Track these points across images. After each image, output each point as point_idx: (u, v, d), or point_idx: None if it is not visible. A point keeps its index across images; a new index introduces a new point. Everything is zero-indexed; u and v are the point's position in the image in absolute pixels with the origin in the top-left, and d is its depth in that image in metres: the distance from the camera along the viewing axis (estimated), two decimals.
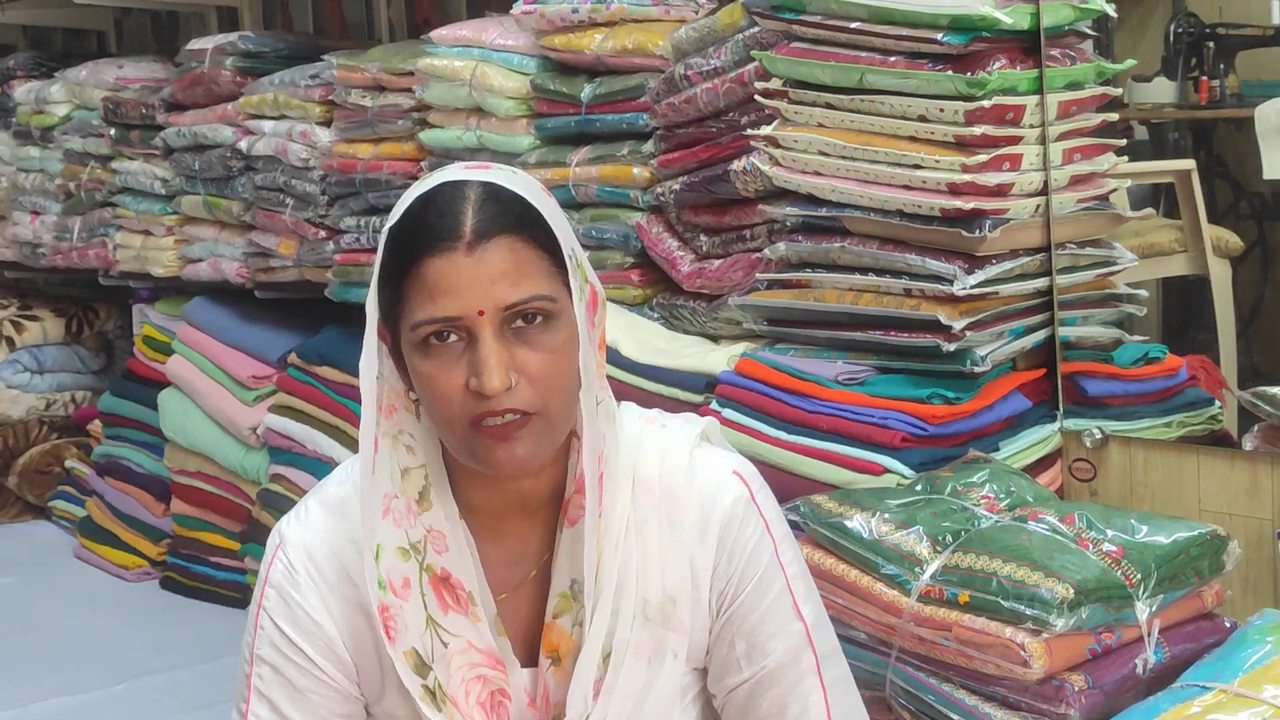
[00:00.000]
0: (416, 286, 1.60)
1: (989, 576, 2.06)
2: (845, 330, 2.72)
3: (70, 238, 5.46)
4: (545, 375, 1.61)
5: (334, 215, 4.18)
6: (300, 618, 1.73)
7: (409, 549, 1.70)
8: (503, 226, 1.60)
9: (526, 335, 1.61)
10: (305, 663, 1.73)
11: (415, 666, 1.70)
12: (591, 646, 1.69)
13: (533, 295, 1.60)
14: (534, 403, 1.61)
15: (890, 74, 2.57)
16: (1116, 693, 2.05)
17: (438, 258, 1.59)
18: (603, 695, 1.70)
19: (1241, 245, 2.94)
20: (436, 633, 1.70)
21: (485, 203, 1.61)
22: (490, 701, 1.72)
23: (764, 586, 1.76)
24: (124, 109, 5.08)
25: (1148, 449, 2.62)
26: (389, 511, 1.69)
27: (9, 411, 5.84)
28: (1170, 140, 3.18)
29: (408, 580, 1.70)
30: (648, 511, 1.74)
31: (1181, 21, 2.97)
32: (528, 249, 1.61)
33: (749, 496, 1.77)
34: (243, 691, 1.76)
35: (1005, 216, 2.53)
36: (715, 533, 1.75)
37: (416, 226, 1.62)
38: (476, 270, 1.59)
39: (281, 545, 1.75)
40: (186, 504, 4.83)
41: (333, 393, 4.24)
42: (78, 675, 4.11)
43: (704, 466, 1.78)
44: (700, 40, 3.10)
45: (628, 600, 1.71)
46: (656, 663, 1.74)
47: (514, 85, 3.56)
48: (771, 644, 1.76)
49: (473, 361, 1.59)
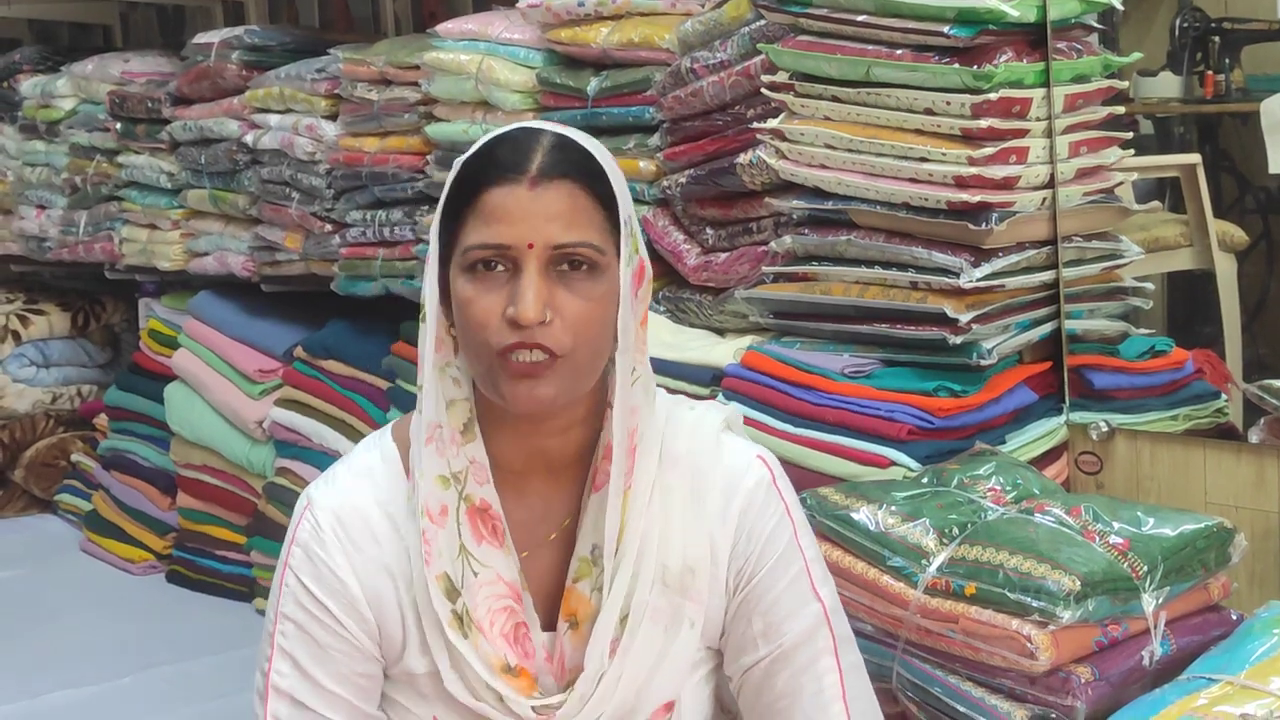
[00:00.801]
0: (476, 213, 1.68)
1: (995, 569, 2.06)
2: (851, 323, 2.72)
3: (76, 232, 5.46)
4: (579, 320, 1.67)
5: (340, 209, 4.18)
6: (325, 575, 1.77)
7: (449, 478, 1.75)
8: (566, 171, 1.68)
9: (569, 279, 1.67)
10: (329, 619, 1.77)
11: (446, 591, 1.74)
12: (610, 609, 1.73)
13: (582, 241, 1.67)
14: (563, 344, 1.66)
15: (897, 67, 2.57)
16: (1123, 685, 2.05)
17: (500, 188, 1.67)
18: (618, 655, 1.74)
19: (1247, 239, 2.94)
20: (468, 561, 1.74)
21: (554, 148, 1.69)
22: (514, 634, 1.76)
23: (782, 567, 1.81)
24: (130, 103, 5.08)
25: (1154, 442, 2.62)
26: (432, 440, 1.75)
27: (15, 405, 5.84)
28: (1176, 134, 3.18)
29: (445, 508, 1.75)
30: (673, 483, 1.79)
31: (1187, 16, 2.97)
32: (586, 198, 1.68)
33: (771, 480, 1.83)
34: (265, 650, 1.80)
35: (1011, 209, 2.53)
36: (736, 512, 1.80)
37: (486, 160, 1.71)
38: (535, 205, 1.66)
39: (309, 506, 1.81)
40: (192, 498, 4.84)
41: (339, 386, 4.25)
42: (84, 668, 4.11)
43: (730, 449, 1.84)
44: (706, 33, 3.10)
45: (648, 565, 1.76)
46: (672, 630, 1.78)
47: (520, 79, 3.57)
48: (788, 623, 1.80)
49: (514, 291, 1.65)
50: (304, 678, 1.77)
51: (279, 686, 1.78)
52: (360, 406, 4.18)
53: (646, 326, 1.78)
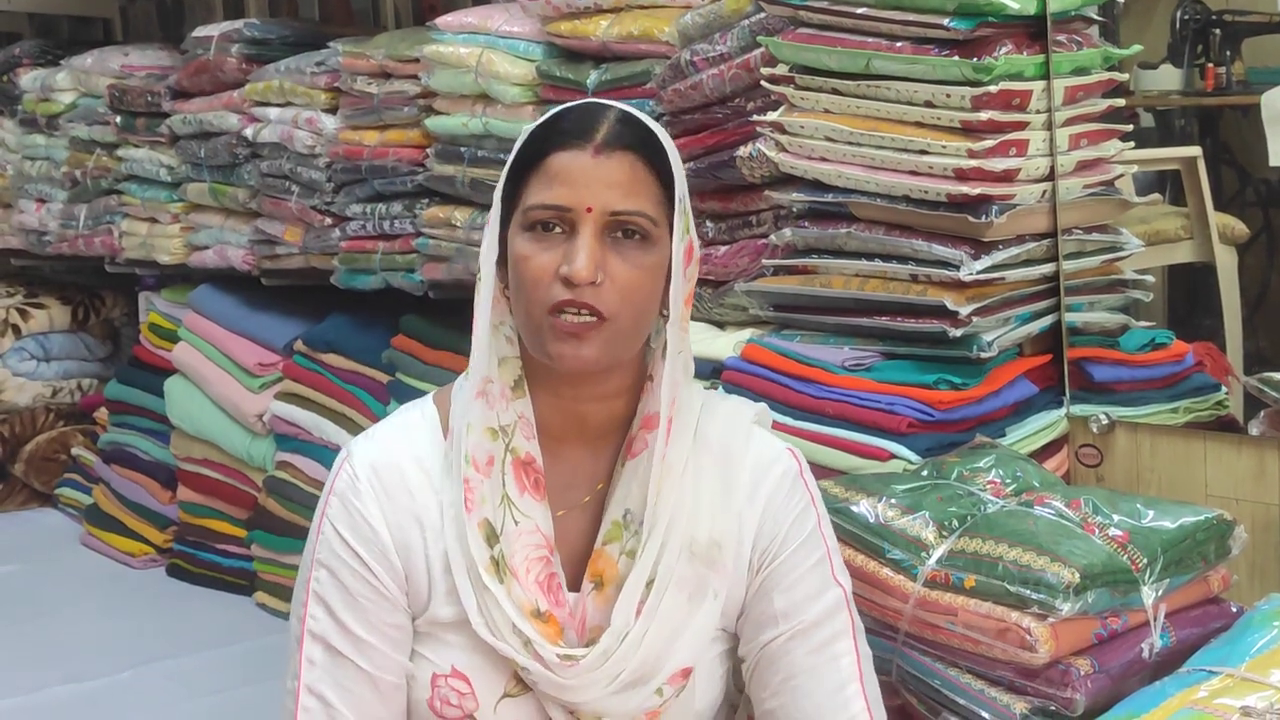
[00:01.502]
0: (540, 175, 1.76)
1: (995, 561, 2.06)
2: (851, 316, 2.72)
3: (76, 225, 5.46)
4: (628, 286, 1.75)
5: (340, 202, 4.18)
6: (359, 524, 1.83)
7: (497, 430, 1.82)
8: (629, 143, 1.76)
9: (621, 247, 1.76)
10: (360, 568, 1.83)
11: (486, 536, 1.80)
12: (640, 571, 1.79)
13: (638, 210, 1.75)
14: (611, 307, 1.74)
15: (897, 59, 2.57)
16: (1123, 677, 2.05)
17: (565, 152, 1.75)
18: (643, 616, 1.80)
19: (1247, 232, 2.94)
20: (510, 510, 1.81)
21: (620, 121, 1.78)
22: (548, 582, 1.82)
23: (805, 552, 1.88)
24: (130, 96, 5.08)
25: (1154, 434, 2.62)
26: (483, 394, 1.82)
27: (16, 399, 5.85)
28: (1176, 127, 3.18)
29: (491, 458, 1.82)
30: (705, 463, 1.86)
31: (1188, 8, 2.97)
32: (645, 171, 1.77)
33: (799, 472, 1.93)
34: (301, 596, 1.87)
35: (1012, 202, 2.53)
36: (764, 497, 1.88)
37: (554, 127, 1.78)
38: (597, 171, 1.75)
39: (348, 458, 1.88)
40: (193, 491, 4.84)
41: (339, 380, 4.25)
42: (84, 663, 4.11)
43: (760, 439, 1.93)
44: (706, 26, 3.10)
45: (676, 535, 1.82)
46: (697, 598, 1.84)
47: (520, 72, 3.56)
48: (809, 604, 1.87)
49: (569, 250, 1.74)
50: (337, 624, 1.83)
51: (314, 631, 1.84)
52: (360, 400, 4.18)
53: (690, 306, 1.85)
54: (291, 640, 1.87)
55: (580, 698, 1.80)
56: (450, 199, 3.83)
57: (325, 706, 1.83)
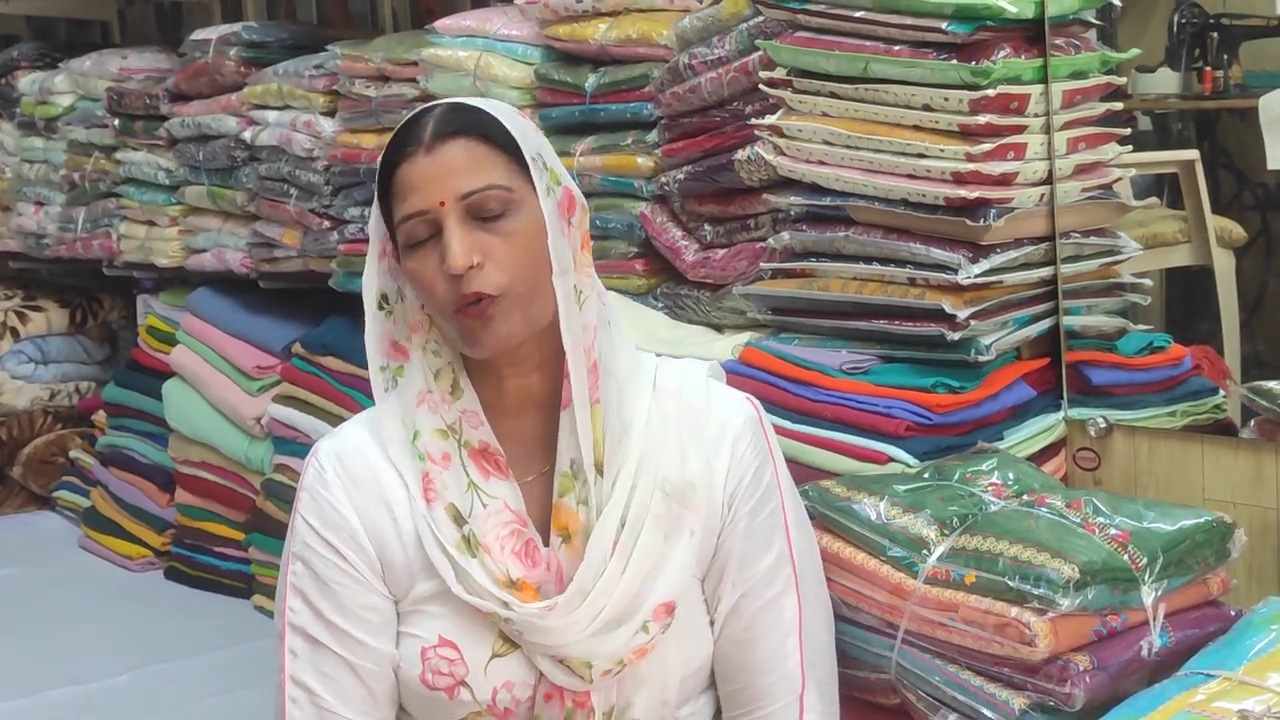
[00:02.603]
0: (395, 193, 1.83)
1: (995, 557, 2.07)
2: (850, 319, 2.72)
3: (74, 228, 5.46)
4: (507, 258, 1.81)
5: (338, 205, 4.18)
6: (327, 511, 1.89)
7: (446, 430, 1.89)
8: (458, 128, 1.82)
9: (487, 225, 1.81)
10: (332, 555, 1.88)
11: (454, 518, 1.85)
12: (610, 512, 1.84)
13: (488, 185, 1.81)
14: (500, 284, 1.80)
15: (895, 63, 2.57)
16: (1121, 675, 2.05)
17: (404, 163, 1.82)
18: (618, 554, 1.84)
19: (1245, 236, 2.94)
20: (477, 494, 1.86)
21: (445, 113, 1.85)
22: (525, 550, 1.86)
23: (762, 504, 1.95)
24: (128, 99, 5.08)
25: (1152, 438, 2.62)
26: (424, 403, 1.89)
27: (13, 402, 5.84)
28: (1174, 131, 3.18)
29: (447, 455, 1.88)
30: (668, 412, 1.92)
31: (1185, 12, 2.97)
32: (482, 147, 1.82)
33: (758, 420, 2.00)
34: (281, 590, 1.93)
35: (1010, 205, 2.53)
36: (729, 442, 1.94)
37: (392, 143, 1.85)
38: (434, 167, 1.80)
39: (315, 454, 1.96)
40: (191, 494, 4.84)
41: (337, 383, 4.24)
42: (82, 665, 4.11)
43: (718, 389, 2.01)
44: (704, 30, 3.10)
45: (645, 477, 1.87)
46: (673, 536, 1.88)
47: (518, 75, 3.57)
48: (761, 556, 1.94)
49: (441, 249, 1.80)
50: (313, 613, 1.88)
51: (293, 623, 1.90)
52: (358, 403, 4.17)
53: (589, 250, 1.90)
54: (275, 637, 1.92)
55: (564, 639, 1.83)
56: None
57: (310, 695, 1.88)
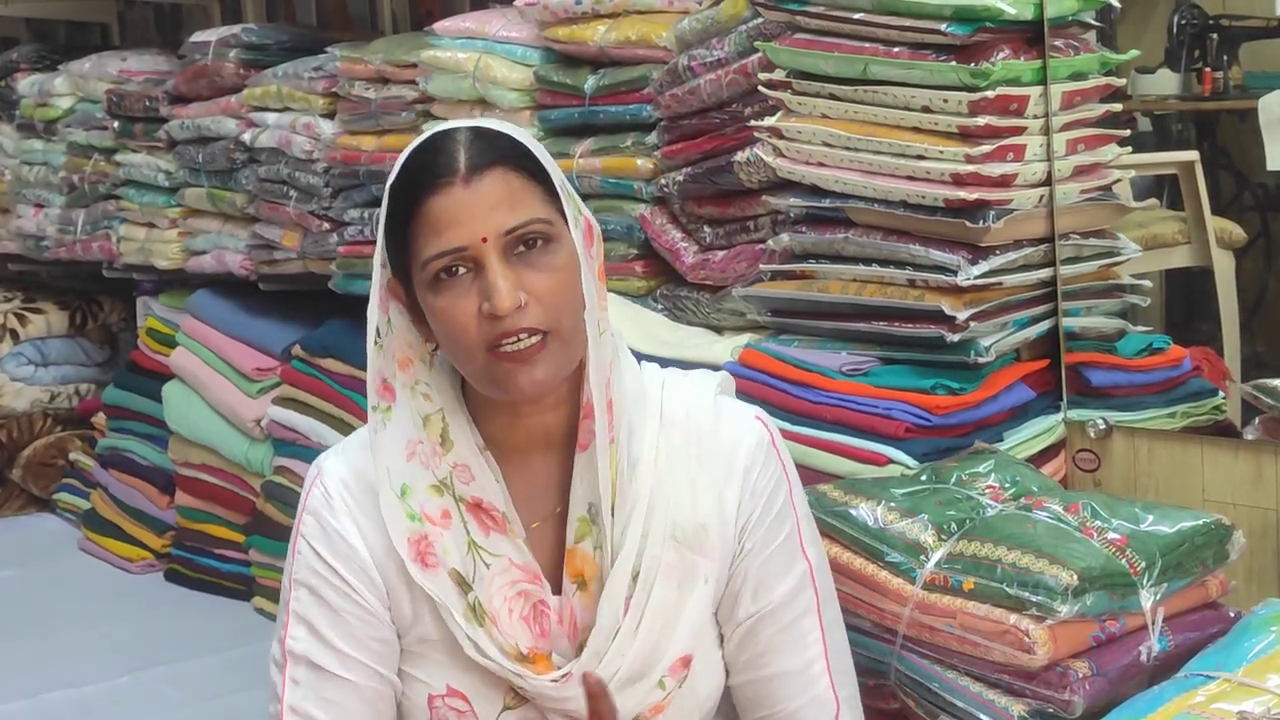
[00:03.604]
0: (422, 227, 1.71)
1: (994, 564, 2.06)
2: (849, 321, 2.72)
3: (74, 230, 5.46)
4: (552, 293, 1.71)
5: (338, 207, 4.18)
6: (335, 541, 1.81)
7: (440, 485, 1.79)
8: (494, 158, 1.72)
9: (529, 259, 1.71)
10: (340, 584, 1.81)
11: (458, 584, 1.77)
12: (622, 565, 1.77)
13: (530, 219, 1.71)
14: (546, 321, 1.71)
15: (894, 65, 2.57)
16: (1121, 680, 2.05)
17: (438, 195, 1.70)
18: (631, 611, 1.77)
19: (1245, 237, 2.94)
20: (478, 555, 1.78)
21: (475, 141, 1.73)
22: (533, 614, 1.79)
23: (777, 527, 1.87)
24: (127, 101, 5.08)
25: (1151, 439, 2.62)
26: (414, 455, 1.79)
27: (13, 404, 5.83)
28: (1174, 132, 3.18)
29: (446, 511, 1.79)
30: (676, 444, 1.83)
31: (1185, 13, 2.97)
32: (520, 178, 1.72)
33: (770, 440, 1.89)
34: (282, 618, 1.85)
35: (1009, 207, 2.53)
36: (740, 470, 1.85)
37: (415, 173, 1.73)
38: (474, 200, 1.70)
39: (320, 475, 1.85)
40: (191, 496, 4.83)
41: (337, 385, 4.24)
42: (82, 667, 4.11)
43: (728, 410, 1.90)
44: (704, 31, 3.10)
45: (658, 522, 1.80)
46: (687, 586, 1.82)
47: (517, 77, 3.57)
48: (777, 582, 1.86)
49: (483, 287, 1.70)
50: (320, 641, 1.81)
51: (295, 651, 1.82)
52: (359, 405, 4.17)
53: (605, 282, 1.82)
54: (272, 665, 1.85)
55: (578, 703, 1.76)
56: None
57: None
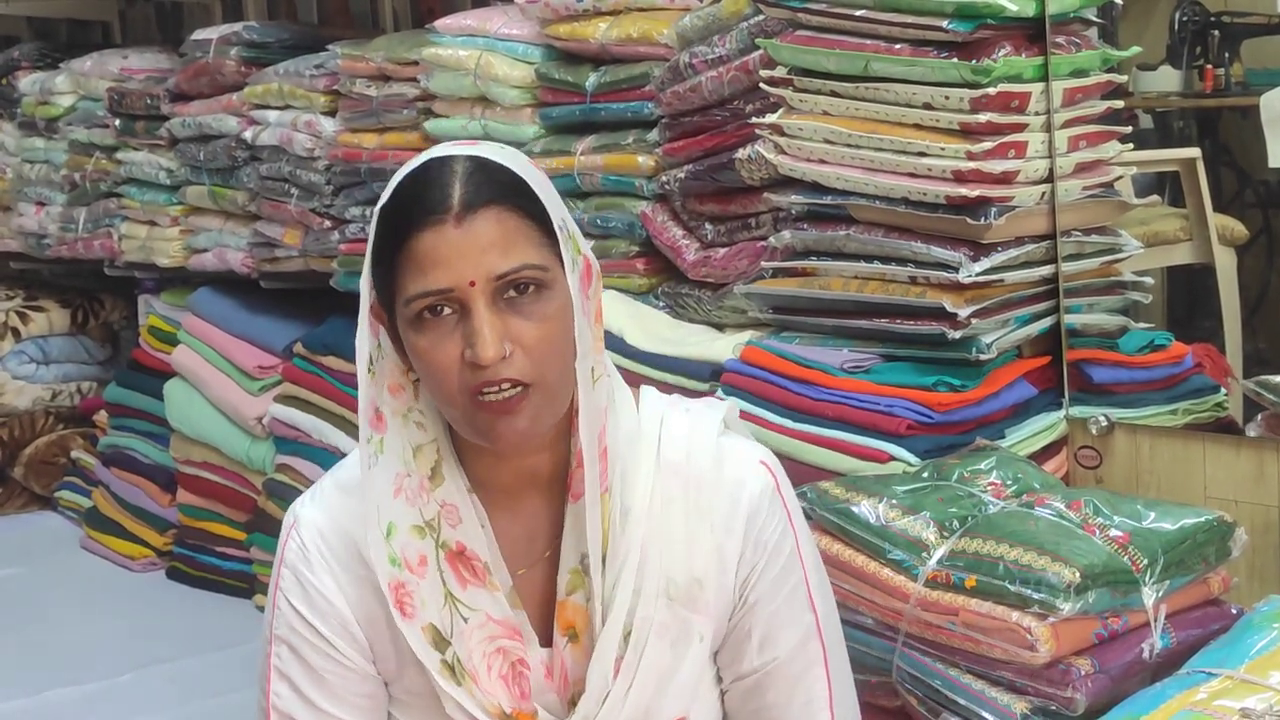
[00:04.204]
0: (408, 262, 1.60)
1: (996, 561, 2.06)
2: (851, 318, 2.72)
3: (75, 228, 5.46)
4: (540, 344, 1.61)
5: (339, 205, 4.18)
6: (314, 598, 1.74)
7: (424, 527, 1.70)
8: (489, 197, 1.60)
9: (519, 305, 1.61)
10: (320, 643, 1.74)
11: (434, 641, 1.70)
12: (613, 624, 1.68)
13: (523, 264, 1.60)
14: (530, 373, 1.60)
15: (895, 61, 2.57)
16: (1123, 677, 2.05)
17: (427, 231, 1.59)
18: (623, 674, 1.69)
19: (1246, 233, 2.94)
20: (455, 608, 1.70)
21: (472, 175, 1.62)
22: (511, 674, 1.72)
23: (783, 579, 1.77)
24: (129, 99, 5.08)
25: (1153, 436, 2.62)
26: (401, 491, 1.70)
27: (15, 402, 5.84)
28: (1175, 128, 3.19)
29: (424, 558, 1.70)
30: (674, 493, 1.73)
31: (1186, 10, 2.97)
32: (515, 218, 1.61)
33: (775, 487, 1.78)
34: (264, 670, 1.78)
35: (1010, 204, 2.53)
36: (743, 520, 1.74)
37: (406, 203, 1.62)
38: (466, 241, 1.59)
39: (295, 525, 1.76)
40: (192, 494, 4.84)
41: (338, 382, 4.24)
42: (84, 665, 4.12)
43: (731, 454, 1.77)
44: (705, 28, 3.10)
45: (650, 578, 1.70)
46: (681, 646, 1.73)
47: (519, 74, 3.56)
48: (784, 634, 1.77)
49: (467, 333, 1.60)
50: (302, 700, 1.75)
51: (279, 708, 1.76)
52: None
53: (601, 323, 1.72)
54: (257, 711, 1.80)
55: None
56: None
57: None
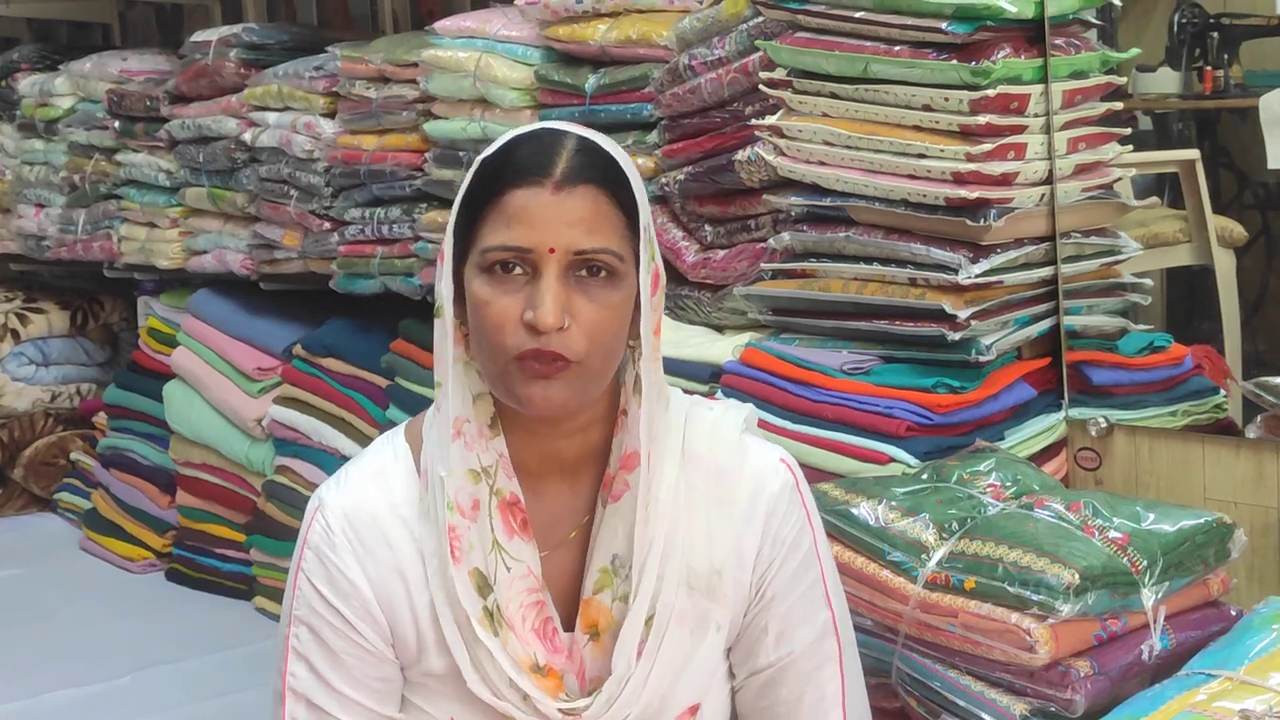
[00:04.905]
0: (495, 213, 1.66)
1: (995, 563, 2.06)
2: (850, 320, 2.72)
3: (75, 230, 5.46)
4: (596, 327, 1.65)
5: (338, 207, 4.18)
6: (337, 579, 1.76)
7: (480, 472, 1.73)
8: (590, 176, 1.66)
9: (587, 286, 1.66)
10: (341, 624, 1.76)
11: (478, 587, 1.72)
12: (637, 610, 1.72)
13: (603, 247, 1.65)
14: (579, 351, 1.64)
15: (895, 63, 2.57)
16: (1122, 679, 2.05)
17: (523, 189, 1.64)
18: (644, 658, 1.73)
19: (1246, 235, 2.94)
20: (501, 557, 1.73)
21: (579, 151, 1.67)
22: (544, 629, 1.75)
23: (801, 575, 1.81)
24: (128, 101, 5.08)
25: (1153, 438, 2.62)
26: (460, 435, 1.73)
27: (14, 404, 5.84)
28: (1174, 130, 3.19)
29: (477, 502, 1.73)
30: (697, 484, 1.77)
31: (1185, 11, 2.97)
32: (608, 204, 1.67)
33: (794, 485, 1.82)
34: (281, 651, 1.80)
35: (1010, 205, 2.53)
36: (762, 516, 1.79)
37: (509, 159, 1.68)
38: (557, 209, 1.64)
39: (320, 508, 1.78)
40: (192, 496, 4.84)
41: (337, 384, 4.25)
42: (84, 667, 4.11)
43: (753, 451, 1.82)
44: (704, 30, 3.10)
45: (673, 567, 1.74)
46: (698, 634, 1.77)
47: (518, 76, 3.57)
48: (799, 631, 1.80)
49: (532, 295, 1.64)
50: (319, 681, 1.76)
51: (295, 689, 1.77)
52: (360, 404, 4.18)
53: (660, 335, 1.75)
54: (273, 695, 1.81)
55: None
56: (449, 203, 3.79)
57: None
